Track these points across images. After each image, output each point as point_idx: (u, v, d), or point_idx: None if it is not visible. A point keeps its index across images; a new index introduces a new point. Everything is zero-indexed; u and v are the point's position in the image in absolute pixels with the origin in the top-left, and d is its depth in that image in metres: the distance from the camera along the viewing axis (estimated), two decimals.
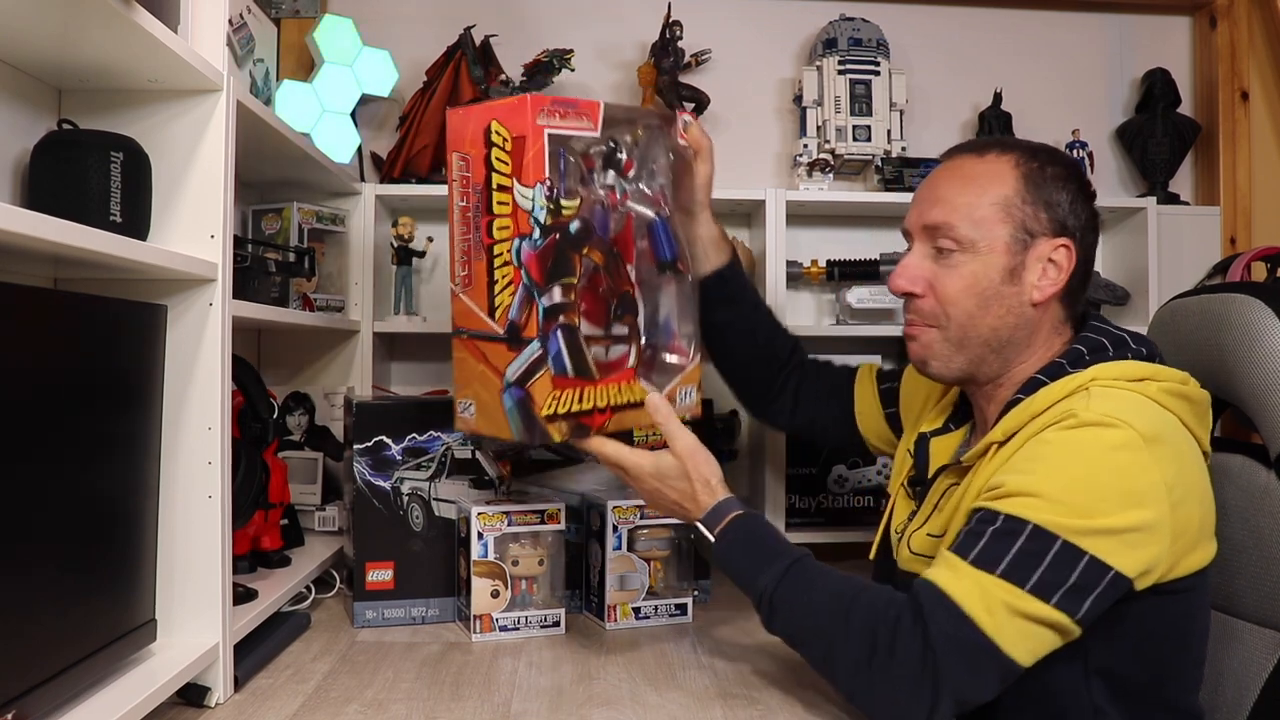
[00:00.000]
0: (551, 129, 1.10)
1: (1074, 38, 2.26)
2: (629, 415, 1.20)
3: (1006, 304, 1.12)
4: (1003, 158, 1.14)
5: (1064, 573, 0.95)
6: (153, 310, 1.09)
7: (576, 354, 1.13)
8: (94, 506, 0.98)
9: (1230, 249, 2.13)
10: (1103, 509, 0.96)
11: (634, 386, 1.20)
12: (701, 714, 1.10)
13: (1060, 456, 0.99)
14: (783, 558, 1.10)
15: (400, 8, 2.13)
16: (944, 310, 1.13)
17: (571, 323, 1.13)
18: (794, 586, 1.08)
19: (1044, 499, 0.97)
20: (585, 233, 1.14)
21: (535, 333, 1.10)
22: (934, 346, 1.16)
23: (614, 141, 1.17)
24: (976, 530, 1.00)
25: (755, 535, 1.15)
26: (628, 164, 1.19)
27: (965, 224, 1.11)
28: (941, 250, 1.13)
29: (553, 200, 1.10)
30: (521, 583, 1.41)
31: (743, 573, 1.13)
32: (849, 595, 1.04)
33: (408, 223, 1.92)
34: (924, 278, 1.15)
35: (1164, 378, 1.07)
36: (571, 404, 1.13)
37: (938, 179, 1.17)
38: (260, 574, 1.45)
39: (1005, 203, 1.11)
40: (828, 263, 2.07)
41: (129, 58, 1.04)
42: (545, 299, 1.11)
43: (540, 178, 1.09)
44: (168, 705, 1.07)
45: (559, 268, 1.12)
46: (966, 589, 0.96)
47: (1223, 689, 1.17)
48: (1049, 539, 0.95)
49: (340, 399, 1.84)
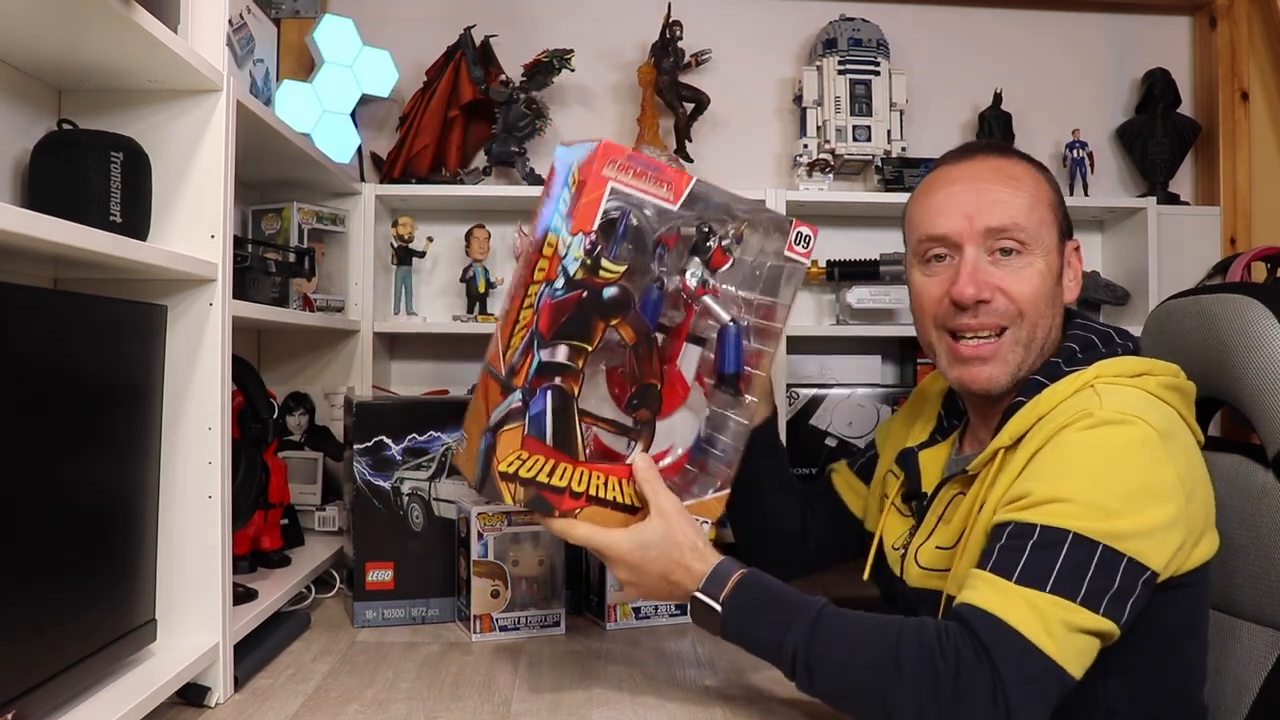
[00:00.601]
0: (617, 184, 1.02)
1: (1074, 38, 2.26)
2: (607, 515, 1.07)
3: (1056, 305, 1.13)
4: (1022, 161, 1.15)
5: (1108, 579, 0.93)
6: (153, 310, 1.09)
7: (562, 422, 1.03)
8: (94, 506, 0.98)
9: (1230, 249, 2.13)
10: (1133, 508, 0.95)
11: (627, 487, 1.07)
12: (701, 714, 1.10)
13: (1084, 458, 0.98)
14: (804, 611, 1.00)
15: (400, 8, 2.13)
16: (1018, 310, 1.10)
17: (568, 388, 1.03)
18: (828, 641, 0.98)
19: (1076, 504, 0.95)
20: (620, 303, 1.04)
21: (522, 382, 1.02)
22: (1005, 358, 1.10)
23: (709, 227, 1.08)
24: (1012, 545, 0.95)
25: (767, 593, 1.04)
26: (718, 257, 1.09)
27: (1031, 224, 1.10)
28: (1007, 252, 1.10)
29: (592, 256, 1.02)
30: (521, 583, 1.41)
31: (761, 640, 1.01)
32: (891, 636, 0.95)
33: (407, 223, 1.92)
34: (992, 283, 1.10)
35: (1160, 372, 1.07)
36: (538, 472, 1.03)
37: (983, 181, 1.12)
38: (260, 574, 1.45)
39: (1051, 204, 1.13)
40: (828, 263, 2.07)
41: (129, 58, 1.04)
42: (545, 353, 1.02)
43: (585, 228, 1.01)
44: (168, 705, 1.07)
45: (573, 327, 1.03)
46: (1022, 612, 0.91)
47: (1222, 688, 1.17)
48: (1091, 546, 0.93)
49: (340, 399, 1.84)
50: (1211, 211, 2.16)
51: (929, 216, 1.14)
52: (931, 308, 1.14)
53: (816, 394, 1.98)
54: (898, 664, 0.92)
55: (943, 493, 1.16)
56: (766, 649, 1.01)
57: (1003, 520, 0.99)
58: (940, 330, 1.14)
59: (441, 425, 1.47)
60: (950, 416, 1.26)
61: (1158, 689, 1.05)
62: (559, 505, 1.05)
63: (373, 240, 1.92)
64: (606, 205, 1.02)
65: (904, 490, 1.23)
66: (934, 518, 1.16)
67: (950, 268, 1.12)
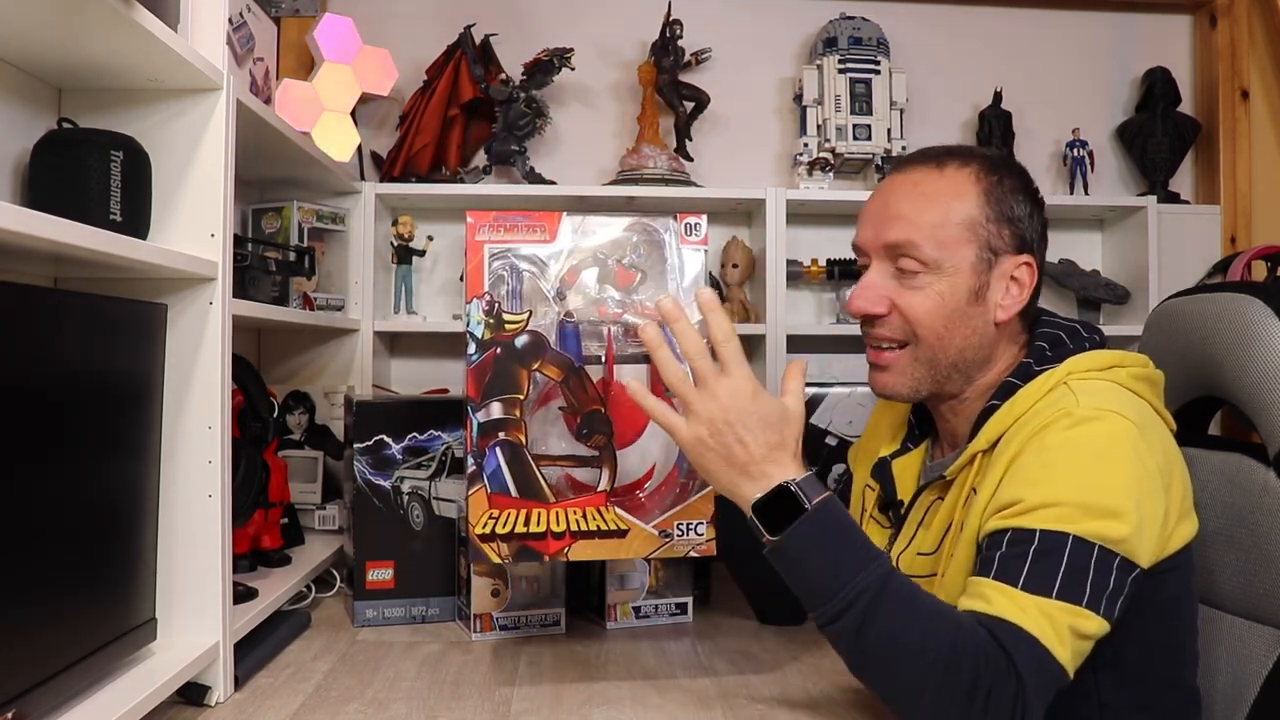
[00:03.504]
0: (492, 243, 1.11)
1: (1074, 37, 2.26)
2: (598, 545, 1.10)
3: (972, 324, 1.09)
4: (962, 171, 1.09)
5: (1105, 579, 0.94)
6: (153, 309, 1.09)
7: (520, 472, 1.09)
8: (94, 505, 0.98)
9: (1230, 248, 2.13)
10: (1124, 505, 0.96)
11: (606, 513, 1.10)
12: (701, 714, 1.10)
13: (1070, 459, 0.98)
14: (881, 558, 0.96)
15: (400, 6, 2.13)
16: (912, 330, 1.09)
17: (515, 440, 1.09)
18: (896, 596, 0.93)
19: (1069, 506, 0.95)
20: (535, 347, 1.10)
21: (471, 448, 1.08)
22: (904, 370, 1.11)
23: (603, 253, 1.13)
24: (1014, 553, 0.95)
25: (847, 524, 0.98)
26: (623, 275, 1.13)
27: (930, 244, 1.07)
28: (904, 270, 1.09)
29: (493, 315, 1.09)
30: (522, 582, 1.41)
31: (828, 568, 0.94)
32: (953, 621, 0.93)
33: (407, 222, 1.92)
34: (886, 297, 1.10)
35: (1130, 363, 1.08)
36: (515, 525, 1.08)
37: (894, 194, 1.11)
38: (260, 573, 1.45)
39: (970, 222, 1.08)
40: (828, 262, 2.07)
41: (129, 56, 1.04)
42: (480, 414, 1.09)
43: (478, 293, 1.10)
44: (168, 704, 1.07)
45: (499, 383, 1.09)
46: (1035, 619, 0.92)
47: (1221, 687, 1.17)
48: (1088, 548, 0.94)
49: (340, 398, 1.84)
50: (1212, 210, 2.17)
51: (858, 224, 1.15)
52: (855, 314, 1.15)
53: (816, 393, 1.98)
54: (948, 666, 0.90)
55: (920, 499, 1.16)
56: (828, 575, 0.94)
57: (999, 527, 0.99)
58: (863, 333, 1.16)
59: (441, 424, 1.47)
60: (921, 423, 1.26)
61: (1148, 677, 1.05)
62: (546, 550, 1.09)
63: (373, 239, 1.92)
64: (493, 265, 1.10)
65: (881, 500, 1.23)
66: (913, 525, 1.16)
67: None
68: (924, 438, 1.24)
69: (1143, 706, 1.05)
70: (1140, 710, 1.05)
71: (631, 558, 1.24)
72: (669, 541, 1.11)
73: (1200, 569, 1.14)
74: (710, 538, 1.12)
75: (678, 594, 1.48)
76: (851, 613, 0.93)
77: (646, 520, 1.11)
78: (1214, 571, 1.18)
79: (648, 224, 1.15)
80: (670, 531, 1.11)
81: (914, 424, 1.26)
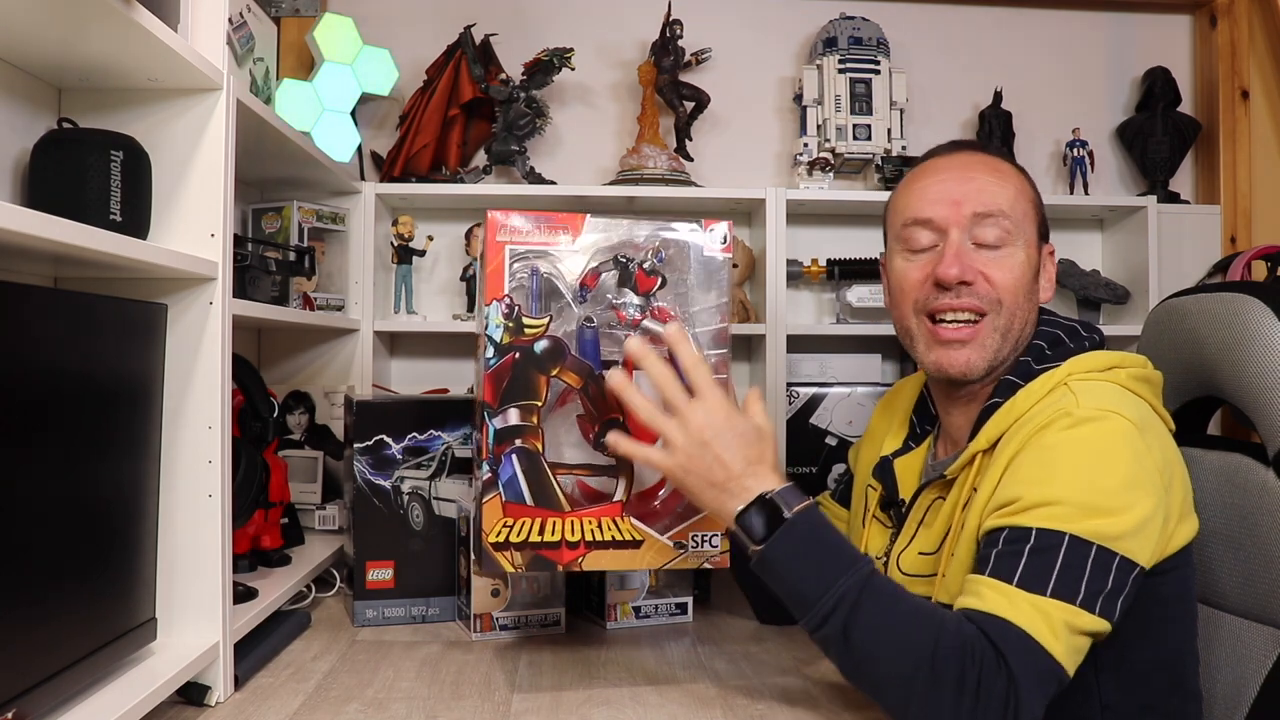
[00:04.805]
0: (514, 244, 1.08)
1: (1074, 36, 2.26)
2: (613, 555, 1.09)
3: (1032, 300, 1.14)
4: (1006, 160, 1.16)
5: (1103, 579, 0.94)
6: (153, 309, 1.09)
7: (536, 480, 1.06)
8: (94, 505, 0.98)
9: (1230, 248, 2.13)
10: (1122, 504, 0.96)
11: (622, 524, 1.09)
12: (701, 714, 1.10)
13: (1070, 458, 0.99)
14: (862, 561, 0.97)
15: (400, 6, 2.13)
16: (997, 297, 1.10)
17: (531, 447, 1.06)
18: (878, 597, 0.94)
19: (1067, 505, 0.96)
20: (554, 353, 1.08)
21: (486, 454, 1.06)
22: (984, 343, 1.10)
23: (625, 258, 1.10)
24: (1010, 550, 0.96)
25: (827, 530, 0.99)
26: (644, 280, 1.11)
27: (1014, 214, 1.11)
28: (983, 243, 1.11)
29: (513, 318, 1.07)
30: (522, 582, 1.41)
31: (810, 574, 0.96)
32: (936, 618, 0.94)
33: (408, 221, 1.92)
34: (975, 266, 1.10)
35: (1129, 364, 1.09)
36: (529, 534, 1.06)
37: (971, 169, 1.13)
38: (260, 573, 1.45)
39: (1032, 201, 1.15)
40: (828, 262, 2.07)
41: (129, 56, 1.04)
42: (497, 420, 1.06)
43: (497, 295, 1.07)
44: (168, 704, 1.07)
45: (516, 388, 1.07)
46: (1029, 616, 0.92)
47: (1221, 687, 1.17)
48: (1085, 547, 0.94)
49: (340, 398, 1.84)
50: (1212, 210, 2.16)
51: (915, 202, 1.15)
52: (913, 291, 1.14)
53: (816, 393, 1.98)
54: (937, 646, 0.91)
55: (921, 498, 1.16)
56: (811, 583, 0.95)
57: (996, 526, 0.99)
58: (920, 315, 1.14)
59: (441, 424, 1.47)
60: (923, 422, 1.26)
61: (1149, 678, 1.05)
62: (560, 560, 1.07)
63: (373, 239, 1.92)
64: (513, 267, 1.07)
65: (882, 499, 1.23)
66: (914, 524, 1.16)
67: (933, 255, 1.13)
68: (925, 437, 1.24)
69: (1144, 707, 1.05)
70: (1141, 711, 1.05)
71: (646, 569, 1.22)
72: (684, 553, 1.11)
73: (1200, 569, 1.15)
74: (725, 549, 1.11)
75: (678, 594, 1.48)
76: (836, 615, 0.94)
77: (660, 528, 1.10)
78: (1214, 571, 1.18)
79: (671, 228, 1.13)
80: (685, 543, 1.11)
81: (916, 423, 1.26)
